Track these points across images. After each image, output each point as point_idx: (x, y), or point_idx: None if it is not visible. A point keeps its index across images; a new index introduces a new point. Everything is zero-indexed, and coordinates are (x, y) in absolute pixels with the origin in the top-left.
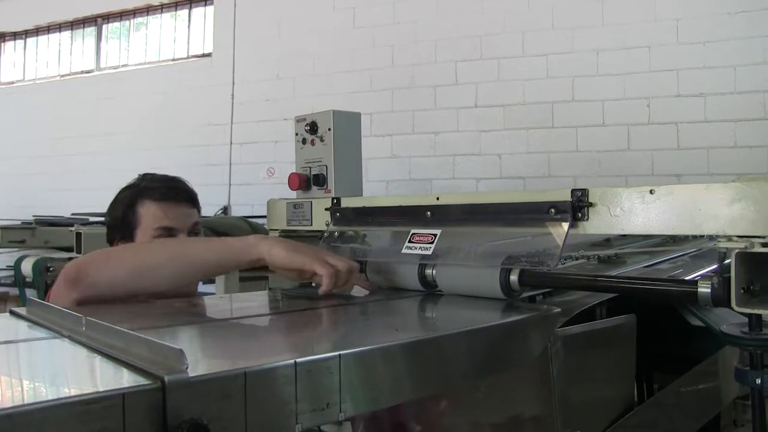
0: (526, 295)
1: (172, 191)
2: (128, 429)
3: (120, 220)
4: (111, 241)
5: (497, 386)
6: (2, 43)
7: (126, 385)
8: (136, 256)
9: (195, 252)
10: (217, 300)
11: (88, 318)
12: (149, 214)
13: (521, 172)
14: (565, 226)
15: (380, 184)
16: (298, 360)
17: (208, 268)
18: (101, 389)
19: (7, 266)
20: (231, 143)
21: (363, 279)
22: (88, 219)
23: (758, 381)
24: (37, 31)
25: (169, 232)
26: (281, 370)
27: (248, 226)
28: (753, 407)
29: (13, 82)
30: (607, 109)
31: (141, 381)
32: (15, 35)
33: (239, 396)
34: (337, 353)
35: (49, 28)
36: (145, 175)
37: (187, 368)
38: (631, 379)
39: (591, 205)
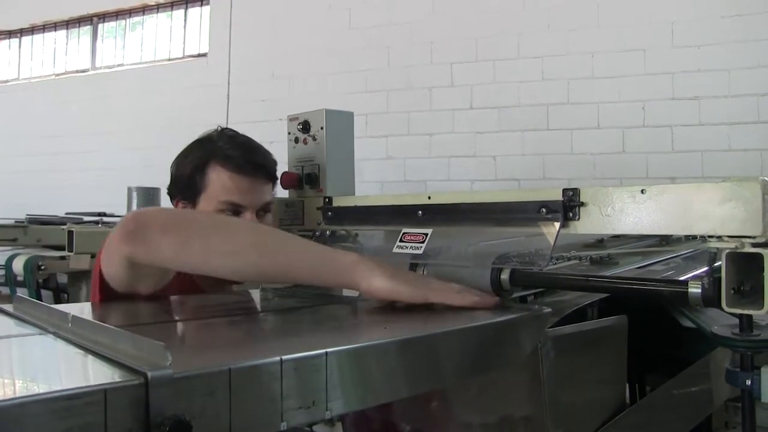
0: (517, 295)
1: (249, 164)
2: (110, 425)
3: (185, 180)
4: (171, 196)
5: (487, 386)
6: None
7: (108, 380)
8: (216, 234)
9: (284, 253)
10: (206, 297)
11: (74, 314)
12: (219, 182)
13: (516, 174)
14: (557, 225)
15: (375, 185)
16: (284, 357)
17: (289, 275)
18: (83, 385)
19: None
20: None
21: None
22: (81, 218)
23: (748, 382)
24: (32, 30)
25: (235, 208)
26: (267, 367)
27: None
28: (743, 409)
29: (7, 81)
30: (602, 111)
31: (124, 377)
32: (10, 33)
33: (223, 393)
34: (324, 350)
35: (45, 27)
36: (224, 131)
37: (170, 364)
38: (622, 380)
39: (582, 204)
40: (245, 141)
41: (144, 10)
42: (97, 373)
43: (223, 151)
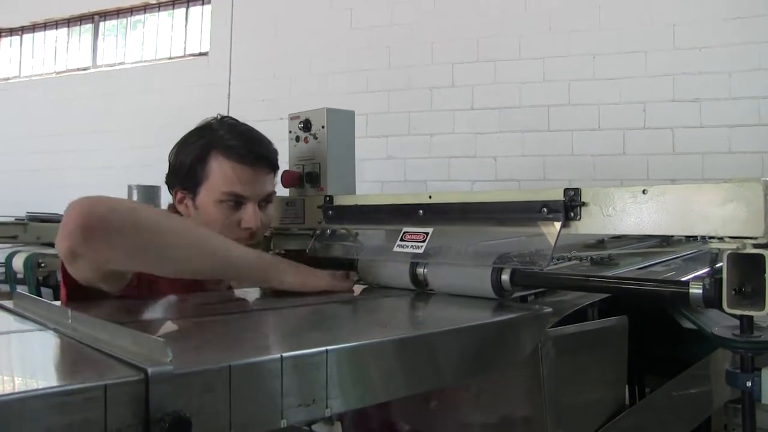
0: (517, 294)
1: (251, 154)
2: (110, 421)
3: (186, 170)
4: (170, 186)
5: (487, 385)
6: None
7: (109, 376)
8: (162, 242)
9: (221, 258)
10: (205, 296)
11: (74, 311)
12: (220, 172)
13: (516, 175)
14: (558, 225)
15: (375, 185)
16: (285, 354)
17: (223, 277)
18: (83, 381)
19: None
20: None
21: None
22: None
23: (749, 384)
24: (33, 28)
25: (237, 199)
26: (267, 364)
27: None
28: (743, 410)
29: (8, 79)
30: (603, 113)
31: (124, 373)
32: (11, 31)
33: (223, 390)
34: (324, 348)
35: (46, 25)
36: (224, 119)
37: (170, 361)
38: (622, 381)
39: (583, 204)
40: (246, 130)
41: (145, 8)
42: (97, 369)
43: (225, 140)
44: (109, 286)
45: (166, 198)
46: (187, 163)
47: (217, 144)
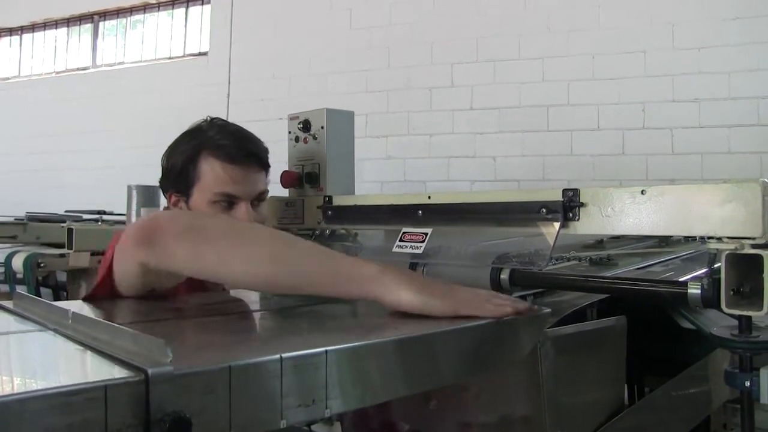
0: (516, 295)
1: (241, 152)
2: (110, 421)
3: (177, 172)
4: (164, 189)
5: (486, 386)
6: None
7: (109, 377)
8: (233, 243)
9: (303, 266)
10: (206, 296)
11: (74, 311)
12: (211, 173)
13: (516, 175)
14: (556, 226)
15: (375, 185)
16: (284, 355)
17: (307, 288)
18: (83, 381)
19: None
20: None
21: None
22: (81, 216)
23: (747, 384)
24: (33, 28)
25: (230, 199)
26: (267, 364)
27: None
28: (742, 410)
29: (8, 78)
30: (602, 113)
31: (124, 373)
32: (11, 31)
33: (223, 390)
34: (324, 349)
35: (45, 25)
36: (214, 120)
37: (171, 361)
38: (621, 381)
39: (582, 205)
40: (236, 130)
41: (145, 8)
42: (97, 370)
43: (215, 141)
44: (159, 288)
45: (164, 199)
46: (179, 166)
47: (207, 145)
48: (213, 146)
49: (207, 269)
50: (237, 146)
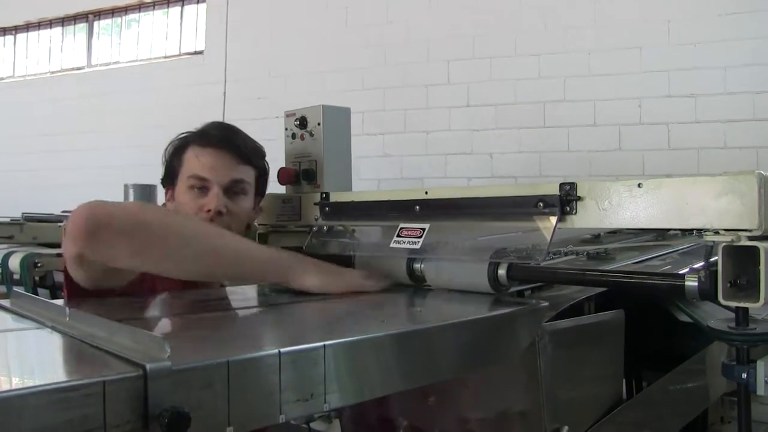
0: (514, 289)
1: (215, 137)
2: (108, 417)
3: (167, 166)
4: (164, 185)
5: (484, 380)
6: None
7: (107, 373)
8: (171, 240)
9: (234, 257)
10: (203, 292)
11: (71, 309)
12: (189, 160)
13: (513, 171)
14: (553, 219)
15: (372, 183)
16: (283, 350)
17: (235, 276)
18: (82, 377)
19: None
20: None
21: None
22: None
23: (744, 376)
24: (27, 27)
25: (201, 182)
26: (265, 359)
27: None
28: (739, 402)
29: (2, 78)
30: (599, 109)
31: (122, 369)
32: (5, 31)
33: (222, 385)
34: (322, 344)
35: (40, 24)
36: (209, 123)
37: (169, 357)
38: (619, 374)
39: (579, 198)
40: (224, 124)
41: (140, 7)
42: (95, 366)
43: (199, 132)
44: (112, 284)
45: (161, 199)
46: (168, 160)
47: (191, 137)
48: (196, 135)
49: (147, 266)
50: (213, 132)
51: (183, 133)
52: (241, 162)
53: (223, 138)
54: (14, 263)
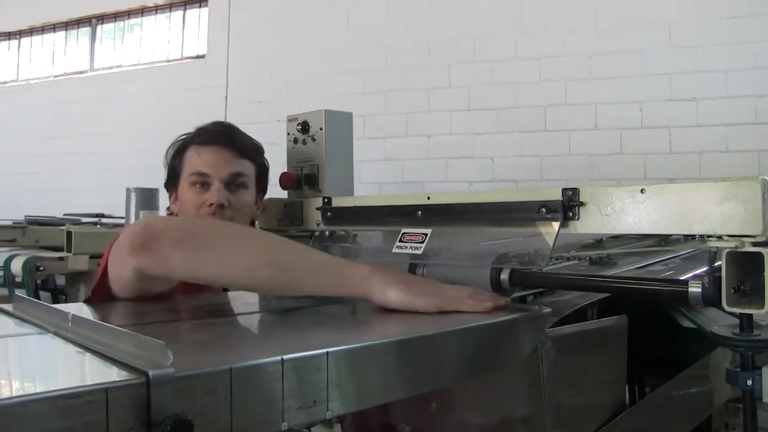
0: (516, 295)
1: (211, 134)
2: (111, 424)
3: (169, 168)
4: (167, 189)
5: (487, 386)
6: None
7: (110, 379)
8: (229, 249)
9: (298, 268)
10: (206, 297)
11: (74, 314)
12: (190, 158)
13: (514, 175)
14: (556, 225)
15: (373, 187)
16: (285, 357)
17: (302, 290)
18: (84, 384)
19: None
20: None
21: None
22: (80, 219)
23: (749, 382)
24: (31, 31)
25: (202, 178)
26: (268, 366)
27: None
28: (744, 409)
29: (6, 82)
30: (600, 112)
31: (125, 376)
32: (9, 35)
33: (225, 392)
34: (325, 350)
35: (44, 28)
36: (209, 123)
37: (171, 363)
38: (622, 380)
39: (582, 204)
40: (221, 121)
41: (142, 11)
42: (98, 372)
43: (198, 132)
44: (154, 292)
45: (164, 201)
46: (170, 162)
47: (192, 138)
48: (196, 135)
49: (205, 275)
50: (212, 129)
51: (182, 135)
52: (239, 156)
53: (220, 134)
54: (16, 266)
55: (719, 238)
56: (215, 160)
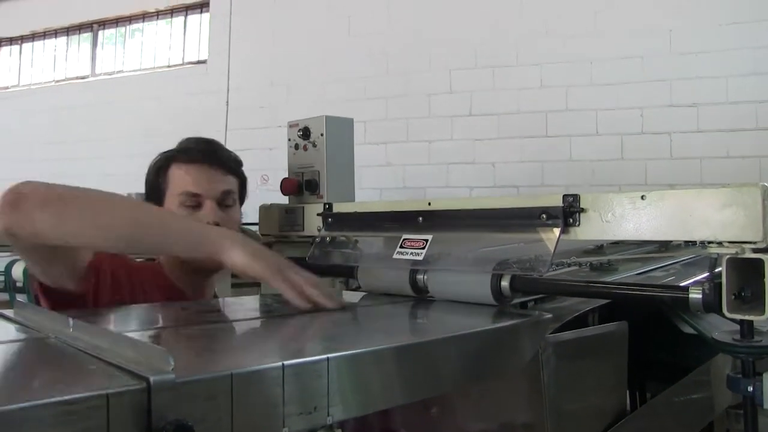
0: (517, 301)
1: (200, 153)
2: (112, 430)
3: (150, 185)
4: None
5: (488, 393)
6: None
7: (110, 385)
8: (94, 208)
9: (157, 227)
10: (206, 304)
11: (75, 320)
12: (176, 177)
13: (515, 181)
14: (557, 231)
15: (374, 192)
16: (286, 362)
17: (161, 248)
18: (85, 390)
19: None
20: None
21: (330, 296)
22: None
23: (750, 389)
24: (33, 37)
25: (193, 199)
26: (269, 372)
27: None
28: (745, 416)
29: (8, 87)
30: (601, 118)
31: (126, 382)
32: (11, 40)
33: (225, 398)
34: (326, 356)
35: (45, 34)
36: (187, 138)
37: (172, 369)
38: (623, 386)
39: (582, 210)
40: (202, 138)
41: (144, 17)
42: (98, 378)
43: (180, 149)
44: (65, 278)
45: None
46: (151, 180)
47: (174, 155)
48: (179, 153)
49: (68, 232)
50: (198, 148)
51: (163, 153)
52: (227, 173)
53: (206, 152)
54: (17, 271)
55: (720, 244)
56: (205, 179)
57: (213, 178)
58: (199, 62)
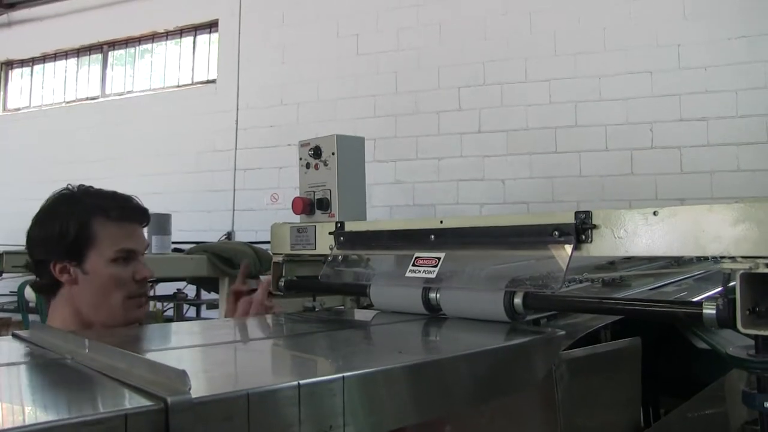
0: (530, 318)
1: (131, 211)
2: None
3: (70, 240)
4: (45, 261)
5: (502, 410)
6: (9, 71)
7: (128, 406)
8: None
9: None
10: (220, 324)
11: (91, 340)
12: (108, 234)
13: (525, 197)
14: (569, 248)
15: (384, 210)
16: (302, 382)
17: None
18: (103, 410)
19: (11, 292)
20: (235, 169)
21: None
22: None
23: (766, 404)
24: (44, 59)
25: (130, 255)
26: (284, 391)
27: (252, 251)
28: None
29: (19, 109)
30: (610, 133)
31: (144, 402)
32: (22, 62)
33: (242, 418)
34: (341, 375)
35: (56, 55)
36: (81, 187)
37: (190, 389)
38: (637, 402)
39: (595, 227)
40: (113, 192)
41: (153, 37)
42: (116, 399)
43: (102, 205)
44: None
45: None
46: (72, 234)
47: (95, 210)
48: (102, 210)
49: None
50: (126, 206)
51: (73, 203)
52: (146, 226)
53: (141, 212)
54: (30, 292)
55: (733, 259)
56: (140, 237)
57: (142, 233)
58: (208, 82)
